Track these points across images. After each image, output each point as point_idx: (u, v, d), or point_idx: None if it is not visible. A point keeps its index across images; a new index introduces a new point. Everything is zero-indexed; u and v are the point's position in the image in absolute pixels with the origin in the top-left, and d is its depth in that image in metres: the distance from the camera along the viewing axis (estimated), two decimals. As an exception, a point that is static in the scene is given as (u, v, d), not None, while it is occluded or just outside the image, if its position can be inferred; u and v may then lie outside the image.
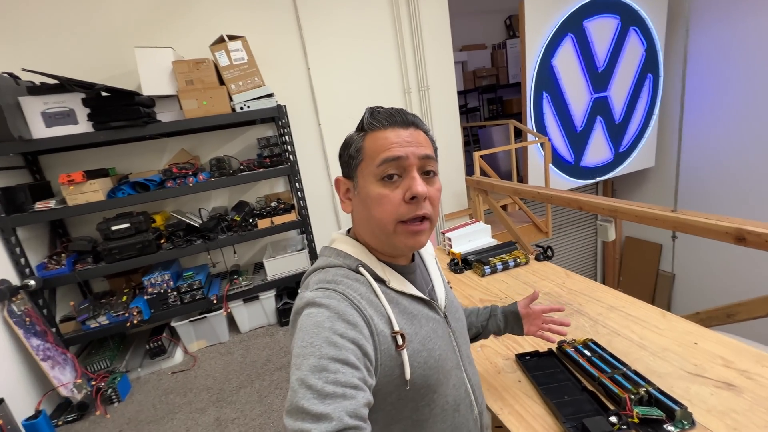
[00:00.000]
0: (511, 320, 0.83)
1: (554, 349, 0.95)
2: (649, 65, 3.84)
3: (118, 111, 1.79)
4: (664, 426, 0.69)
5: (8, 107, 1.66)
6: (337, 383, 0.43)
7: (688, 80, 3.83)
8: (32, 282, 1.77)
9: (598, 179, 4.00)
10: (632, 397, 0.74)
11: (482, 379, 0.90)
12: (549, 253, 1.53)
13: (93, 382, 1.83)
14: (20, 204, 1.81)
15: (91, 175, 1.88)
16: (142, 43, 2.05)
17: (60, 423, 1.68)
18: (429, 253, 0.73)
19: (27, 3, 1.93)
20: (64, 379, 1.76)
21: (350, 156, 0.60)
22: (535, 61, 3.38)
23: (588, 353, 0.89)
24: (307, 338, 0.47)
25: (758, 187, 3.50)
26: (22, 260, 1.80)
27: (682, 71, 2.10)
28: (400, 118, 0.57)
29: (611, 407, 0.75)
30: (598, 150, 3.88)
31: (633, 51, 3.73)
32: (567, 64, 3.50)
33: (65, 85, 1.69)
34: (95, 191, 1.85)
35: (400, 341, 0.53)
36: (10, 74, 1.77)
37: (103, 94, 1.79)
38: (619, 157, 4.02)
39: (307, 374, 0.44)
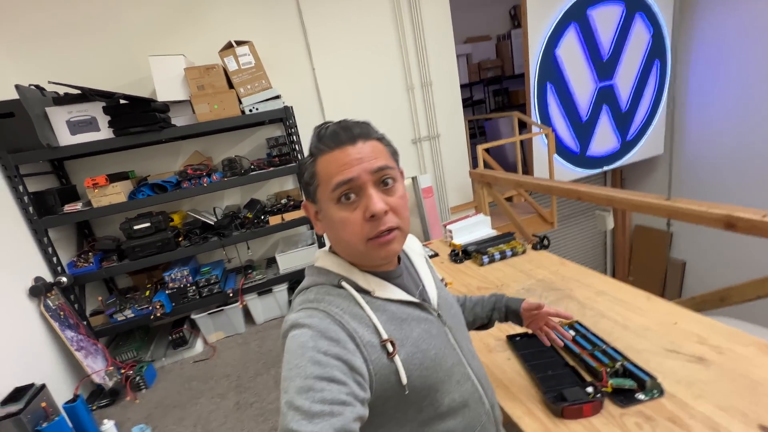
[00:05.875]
0: (511, 317, 0.85)
1: (542, 331, 1.03)
2: (656, 51, 3.79)
3: (136, 117, 1.91)
4: (636, 395, 0.76)
5: (37, 117, 1.80)
6: (324, 401, 0.44)
7: (695, 65, 3.77)
8: (64, 279, 1.92)
9: (605, 168, 3.99)
10: (608, 370, 0.81)
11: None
12: (545, 242, 1.59)
13: (122, 371, 1.97)
14: (50, 207, 1.95)
15: (113, 178, 2.01)
16: (156, 50, 2.16)
17: (94, 407, 1.84)
18: (417, 252, 0.73)
19: (47, 19, 2.06)
20: (96, 367, 1.91)
21: (306, 182, 0.60)
22: (538, 52, 3.39)
23: (573, 333, 0.96)
24: (292, 360, 0.48)
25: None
26: (54, 259, 1.95)
27: (690, 56, 2.06)
28: (345, 136, 0.56)
29: (590, 380, 0.82)
30: (604, 139, 3.87)
31: (639, 37, 3.69)
32: (571, 53, 3.49)
33: (87, 95, 1.81)
34: (117, 193, 1.98)
35: (390, 348, 0.54)
36: (37, 86, 1.90)
37: (122, 102, 1.91)
38: (627, 146, 3.99)
39: (294, 396, 0.44)
